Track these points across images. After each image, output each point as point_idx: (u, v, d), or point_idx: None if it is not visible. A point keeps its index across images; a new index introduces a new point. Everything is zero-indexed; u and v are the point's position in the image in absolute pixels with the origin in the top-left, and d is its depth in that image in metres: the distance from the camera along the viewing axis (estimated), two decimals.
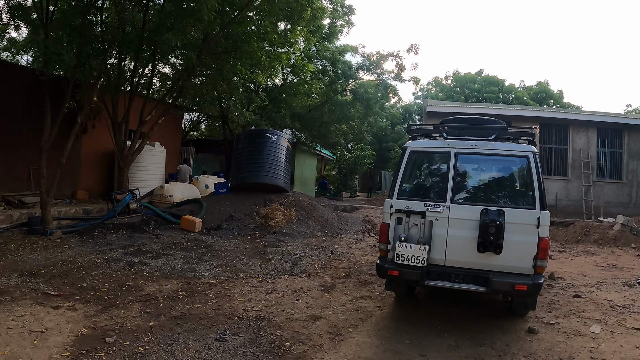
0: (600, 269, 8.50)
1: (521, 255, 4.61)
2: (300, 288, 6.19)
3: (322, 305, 5.51)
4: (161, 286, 6.09)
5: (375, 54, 20.65)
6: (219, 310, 5.17)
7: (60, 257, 7.52)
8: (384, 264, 4.91)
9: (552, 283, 7.10)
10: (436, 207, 4.89)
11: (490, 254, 4.60)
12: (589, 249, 10.89)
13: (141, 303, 5.38)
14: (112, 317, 4.87)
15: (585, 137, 16.57)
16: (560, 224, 14.14)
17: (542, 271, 4.65)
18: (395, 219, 4.98)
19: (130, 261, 7.38)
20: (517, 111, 18.35)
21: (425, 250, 4.68)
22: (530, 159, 4.87)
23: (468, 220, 4.75)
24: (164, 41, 8.87)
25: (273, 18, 10.42)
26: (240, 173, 12.76)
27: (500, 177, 5.39)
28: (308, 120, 20.76)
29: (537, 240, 4.60)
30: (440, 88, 43.26)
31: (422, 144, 5.44)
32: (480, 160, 5.30)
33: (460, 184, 5.13)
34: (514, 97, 38.79)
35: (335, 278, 6.86)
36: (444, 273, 4.79)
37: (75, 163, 13.86)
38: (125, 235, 9.61)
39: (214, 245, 9.09)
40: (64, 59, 8.04)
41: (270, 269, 7.17)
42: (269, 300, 5.60)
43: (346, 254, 8.72)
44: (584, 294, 6.45)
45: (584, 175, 16.15)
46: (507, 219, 4.61)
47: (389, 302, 5.69)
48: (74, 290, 5.80)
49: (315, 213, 12.08)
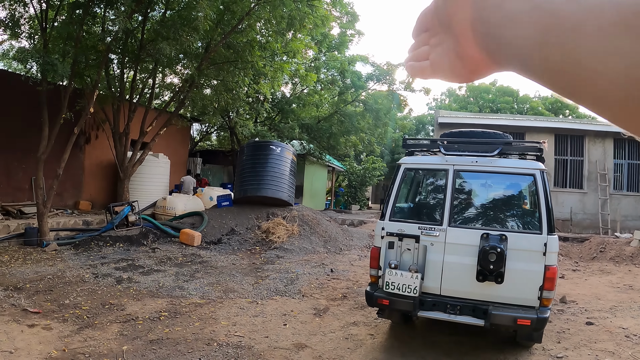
0: (616, 290, 8.00)
1: (525, 285, 4.16)
2: (290, 311, 5.83)
3: (311, 331, 5.14)
4: (145, 305, 5.80)
5: (385, 63, 20.34)
6: (198, 335, 4.85)
7: (49, 270, 7.33)
8: (374, 292, 4.50)
9: (563, 308, 6.63)
10: (432, 231, 4.47)
11: (490, 283, 4.16)
12: (604, 267, 10.36)
13: (120, 324, 5.10)
14: (86, 339, 4.61)
15: (602, 148, 15.99)
16: (575, 239, 13.61)
17: (549, 303, 4.18)
18: (387, 242, 4.58)
19: (119, 277, 7.12)
20: (531, 122, 17.84)
21: (418, 279, 4.27)
22: (537, 177, 4.39)
23: (466, 246, 4.31)
24: (158, 50, 8.67)
25: (274, 27, 10.18)
26: (243, 186, 12.49)
27: (503, 197, 4.94)
28: (317, 131, 20.50)
29: (544, 269, 4.13)
30: (454, 99, 42.77)
31: (418, 160, 5.05)
32: (482, 178, 4.88)
33: (459, 205, 4.72)
34: (528, 108, 38.08)
35: (330, 300, 6.48)
36: (439, 303, 4.35)
37: (78, 173, 13.77)
38: (122, 249, 9.39)
39: (210, 260, 8.80)
40: (57, 69, 7.86)
41: (262, 289, 6.83)
42: (254, 325, 5.25)
43: (346, 273, 8.34)
44: (597, 321, 5.99)
45: (600, 188, 15.56)
46: (510, 245, 4.17)
47: (383, 330, 5.28)
48: (54, 307, 5.57)
49: (318, 228, 11.74)
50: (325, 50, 20.20)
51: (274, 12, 9.39)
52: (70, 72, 8.86)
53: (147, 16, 10.05)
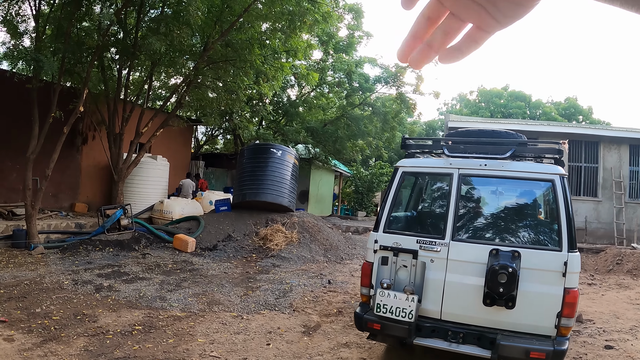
0: (636, 307, 7.39)
1: (540, 311, 3.57)
2: (277, 328, 5.30)
3: (296, 353, 4.59)
4: (119, 317, 5.33)
5: (393, 65, 19.77)
6: (169, 354, 4.35)
7: (28, 275, 6.93)
8: (364, 314, 3.92)
9: (579, 328, 6.05)
10: (432, 245, 3.89)
11: (499, 308, 3.59)
12: (622, 280, 9.74)
13: (87, 337, 4.64)
14: (47, 354, 4.18)
15: (617, 154, 15.32)
16: (590, 250, 12.99)
17: (568, 332, 3.58)
18: (380, 257, 4.01)
19: (99, 285, 6.66)
20: (544, 127, 17.19)
21: (414, 302, 3.69)
22: (556, 183, 3.77)
23: (472, 264, 3.73)
24: (147, 45, 8.22)
25: (272, 23, 9.71)
26: (242, 190, 12.00)
27: (516, 206, 4.31)
28: (322, 135, 19.95)
29: (563, 293, 3.54)
30: (465, 104, 42.06)
31: (418, 162, 4.41)
32: (491, 184, 4.29)
33: (464, 216, 4.12)
34: (541, 113, 37.21)
35: (323, 316, 5.95)
36: (439, 329, 3.77)
37: (75, 175, 13.41)
38: (111, 254, 8.95)
39: (202, 269, 8.31)
40: (43, 65, 7.45)
41: (250, 302, 6.31)
42: (234, 343, 4.73)
43: (345, 285, 7.80)
44: (617, 344, 5.41)
45: (616, 196, 14.90)
46: (523, 264, 3.58)
47: (377, 354, 4.69)
48: (23, 316, 5.17)
49: (319, 235, 11.22)
50: (332, 50, 19.70)
51: (273, 7, 8.92)
52: (60, 69, 8.45)
53: (142, 13, 9.62)
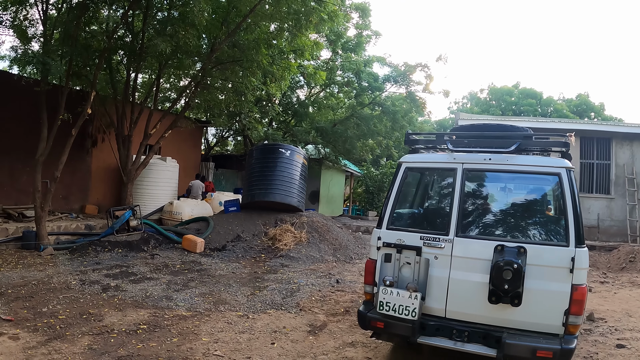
0: None
1: (547, 309, 3.48)
2: (282, 328, 5.27)
3: (300, 352, 4.56)
4: (125, 316, 5.34)
5: (402, 64, 19.66)
6: (173, 353, 4.34)
7: (36, 276, 6.99)
8: (367, 312, 3.86)
9: (590, 327, 5.94)
10: (436, 241, 3.82)
11: (505, 305, 3.51)
12: (634, 279, 9.58)
13: (92, 336, 4.65)
14: (51, 352, 4.20)
15: (630, 151, 15.06)
16: (603, 248, 12.80)
17: (576, 330, 3.47)
18: (383, 254, 3.95)
19: (106, 285, 6.70)
20: (555, 124, 17.02)
21: (417, 299, 3.63)
22: (562, 177, 3.69)
23: (477, 260, 3.66)
24: (152, 47, 8.25)
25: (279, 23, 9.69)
26: (251, 190, 12.01)
27: (522, 201, 4.23)
28: (332, 135, 19.89)
29: (570, 290, 3.44)
30: (476, 102, 41.77)
31: (422, 158, 4.36)
32: (496, 179, 4.20)
33: (469, 211, 4.02)
34: (552, 110, 36.79)
35: (330, 315, 5.91)
36: (443, 328, 3.70)
37: (85, 177, 13.51)
38: (120, 254, 9.00)
39: (210, 269, 8.32)
40: (49, 68, 7.51)
41: (257, 301, 6.29)
42: (238, 343, 4.71)
43: (354, 284, 7.75)
44: (629, 343, 5.30)
45: (629, 193, 14.65)
46: (529, 260, 3.50)
47: (382, 353, 4.63)
48: (30, 315, 5.20)
49: (328, 235, 11.18)
50: (341, 50, 19.63)
51: (279, 7, 8.90)
52: (67, 71, 8.51)
53: (148, 15, 9.65)
